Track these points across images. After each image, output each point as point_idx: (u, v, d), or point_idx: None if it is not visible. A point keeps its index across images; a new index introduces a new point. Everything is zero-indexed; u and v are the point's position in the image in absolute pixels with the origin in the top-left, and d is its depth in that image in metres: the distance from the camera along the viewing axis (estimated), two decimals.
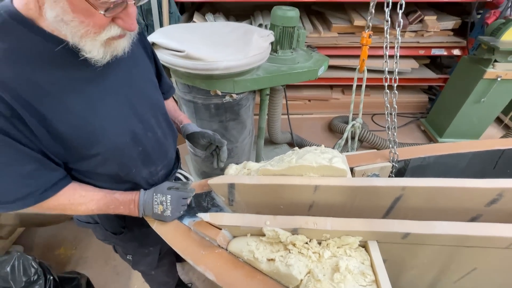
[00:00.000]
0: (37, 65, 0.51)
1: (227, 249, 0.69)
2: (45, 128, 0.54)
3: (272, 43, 1.51)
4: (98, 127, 0.60)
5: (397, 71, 0.84)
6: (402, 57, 2.69)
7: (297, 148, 0.86)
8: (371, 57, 2.44)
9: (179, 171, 0.93)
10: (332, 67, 2.68)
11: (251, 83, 1.39)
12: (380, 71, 2.67)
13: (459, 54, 2.56)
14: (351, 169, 0.90)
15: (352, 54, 2.55)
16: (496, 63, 2.01)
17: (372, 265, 0.60)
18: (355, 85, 1.30)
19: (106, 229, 0.86)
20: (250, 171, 0.83)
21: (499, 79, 2.03)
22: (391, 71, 0.83)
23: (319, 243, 0.65)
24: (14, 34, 0.49)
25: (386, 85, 0.88)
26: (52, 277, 1.12)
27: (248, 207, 0.81)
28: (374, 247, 0.63)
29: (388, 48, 0.86)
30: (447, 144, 1.01)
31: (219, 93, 1.38)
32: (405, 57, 2.69)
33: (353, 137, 1.44)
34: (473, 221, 0.77)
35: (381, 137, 2.37)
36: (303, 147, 0.85)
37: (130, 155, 0.69)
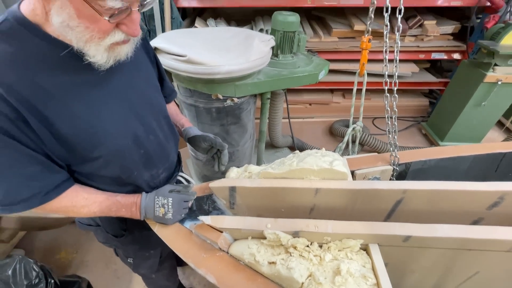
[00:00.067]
0: (42, 69, 0.52)
1: (228, 252, 0.69)
2: (49, 130, 0.54)
3: (273, 48, 1.52)
4: (101, 130, 0.61)
5: (397, 75, 0.85)
6: (402, 61, 2.70)
7: (298, 151, 0.86)
8: (372, 61, 2.45)
9: (181, 174, 0.94)
10: (332, 71, 2.70)
11: (252, 87, 1.40)
12: (380, 75, 2.68)
13: (459, 58, 2.57)
14: (352, 172, 0.90)
15: (352, 58, 2.57)
16: (496, 67, 2.02)
17: (373, 268, 0.60)
18: (355, 89, 1.31)
19: (107, 231, 0.86)
20: (251, 174, 0.83)
21: (499, 83, 2.04)
22: (391, 75, 0.84)
23: (320, 246, 0.65)
24: (20, 39, 0.50)
25: (386, 88, 0.89)
26: (53, 281, 1.12)
27: (249, 210, 0.81)
28: (375, 250, 0.62)
29: (387, 52, 0.87)
30: (448, 147, 1.01)
31: (221, 97, 1.39)
32: (405, 61, 2.71)
33: (354, 140, 1.45)
34: (475, 224, 0.77)
35: (382, 141, 2.37)
36: (304, 150, 0.85)
37: (132, 158, 0.70)
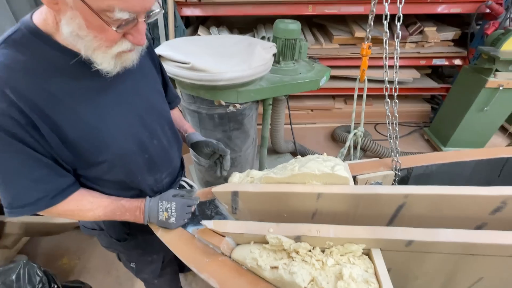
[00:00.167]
0: (52, 76, 0.54)
1: (230, 257, 0.69)
2: (57, 135, 0.56)
3: (274, 55, 1.55)
4: (106, 135, 0.62)
5: (397, 81, 0.86)
6: (403, 67, 2.72)
7: (299, 156, 0.87)
8: (374, 67, 2.48)
9: (183, 179, 0.95)
10: (334, 78, 2.72)
11: (254, 93, 1.42)
12: (382, 81, 2.69)
13: (460, 64, 2.58)
14: (354, 178, 0.90)
15: (353, 64, 2.59)
16: (497, 73, 2.03)
17: (376, 273, 0.60)
18: (356, 95, 1.32)
19: (110, 236, 0.87)
20: (253, 179, 0.84)
21: (501, 88, 2.04)
22: (391, 81, 0.85)
23: (323, 251, 0.65)
24: (32, 47, 0.52)
25: (386, 94, 0.90)
26: (56, 286, 1.12)
27: (251, 215, 0.82)
28: (377, 255, 0.62)
29: (387, 58, 0.88)
30: (450, 152, 1.01)
31: (223, 103, 1.41)
32: (406, 67, 2.72)
33: (356, 146, 1.45)
34: (478, 229, 0.76)
35: (384, 146, 2.37)
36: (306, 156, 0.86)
37: (136, 162, 0.71)
